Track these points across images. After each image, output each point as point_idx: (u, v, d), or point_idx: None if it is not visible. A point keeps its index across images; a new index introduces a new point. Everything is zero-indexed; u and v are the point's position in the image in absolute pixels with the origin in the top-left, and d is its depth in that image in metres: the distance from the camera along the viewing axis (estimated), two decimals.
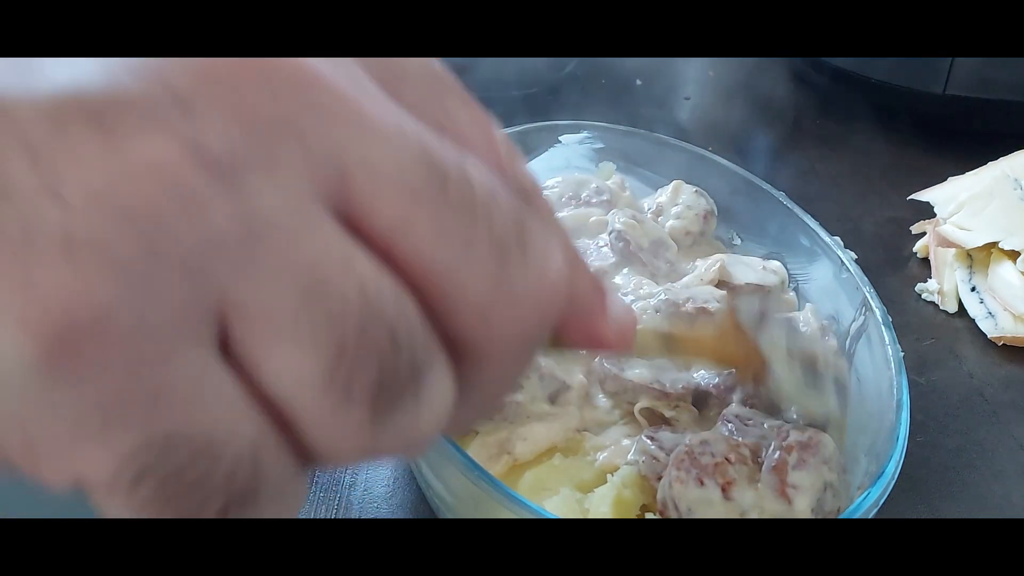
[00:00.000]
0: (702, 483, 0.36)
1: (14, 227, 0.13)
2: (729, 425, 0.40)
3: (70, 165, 0.13)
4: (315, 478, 0.43)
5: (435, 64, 0.19)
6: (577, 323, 0.20)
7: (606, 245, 0.51)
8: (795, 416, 0.38)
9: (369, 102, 0.16)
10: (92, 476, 0.15)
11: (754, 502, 0.36)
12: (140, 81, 0.14)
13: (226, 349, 0.15)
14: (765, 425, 0.40)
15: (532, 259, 0.17)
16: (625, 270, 0.50)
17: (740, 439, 0.39)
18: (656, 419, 0.41)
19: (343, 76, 0.16)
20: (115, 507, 0.16)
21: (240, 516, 0.16)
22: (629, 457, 0.38)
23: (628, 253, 0.49)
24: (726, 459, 0.36)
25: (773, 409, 0.34)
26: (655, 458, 0.37)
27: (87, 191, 0.13)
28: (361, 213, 0.16)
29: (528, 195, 0.19)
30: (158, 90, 0.14)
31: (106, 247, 0.13)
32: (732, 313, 0.30)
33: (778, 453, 0.37)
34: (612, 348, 0.22)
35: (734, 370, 0.31)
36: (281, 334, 0.15)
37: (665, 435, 0.38)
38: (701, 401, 0.42)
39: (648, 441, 0.38)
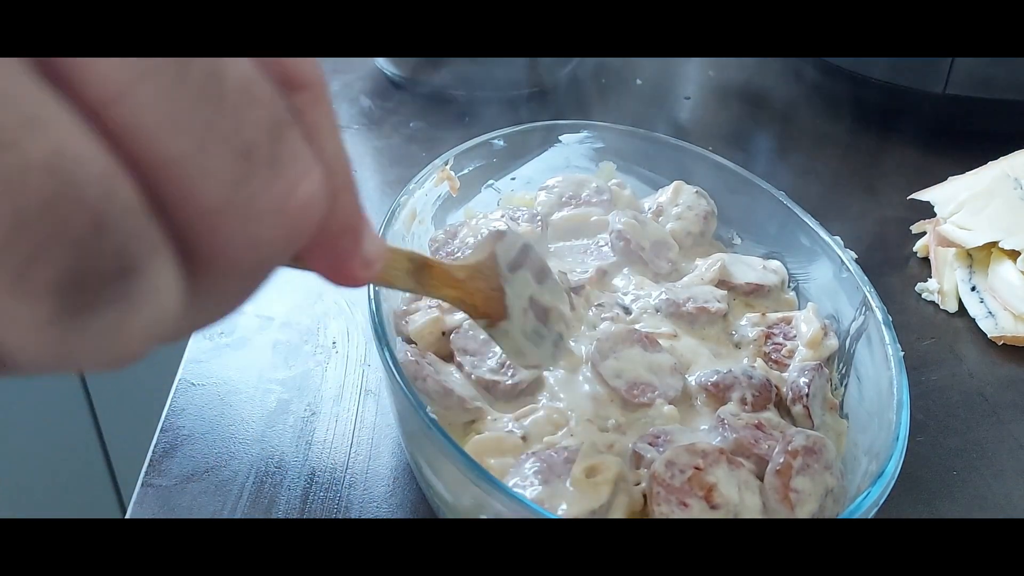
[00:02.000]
0: (685, 505, 0.36)
1: None
2: (724, 423, 0.40)
3: None
4: (314, 478, 0.43)
5: None
6: (324, 253, 0.19)
7: (606, 244, 0.51)
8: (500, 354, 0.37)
9: None
10: None
11: (742, 496, 0.36)
12: None
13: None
14: (759, 421, 0.40)
15: (281, 173, 0.15)
16: (625, 270, 0.50)
17: (717, 441, 0.39)
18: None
19: None
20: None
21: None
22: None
23: (629, 252, 0.49)
24: (695, 468, 0.36)
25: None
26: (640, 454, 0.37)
27: None
28: (71, 70, 0.13)
29: (306, 97, 0.17)
30: None
31: None
32: (491, 256, 0.29)
33: (783, 457, 0.37)
34: (356, 285, 0.20)
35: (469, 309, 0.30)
36: None
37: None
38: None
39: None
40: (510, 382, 0.41)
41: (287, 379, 0.48)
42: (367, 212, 0.20)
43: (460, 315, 0.42)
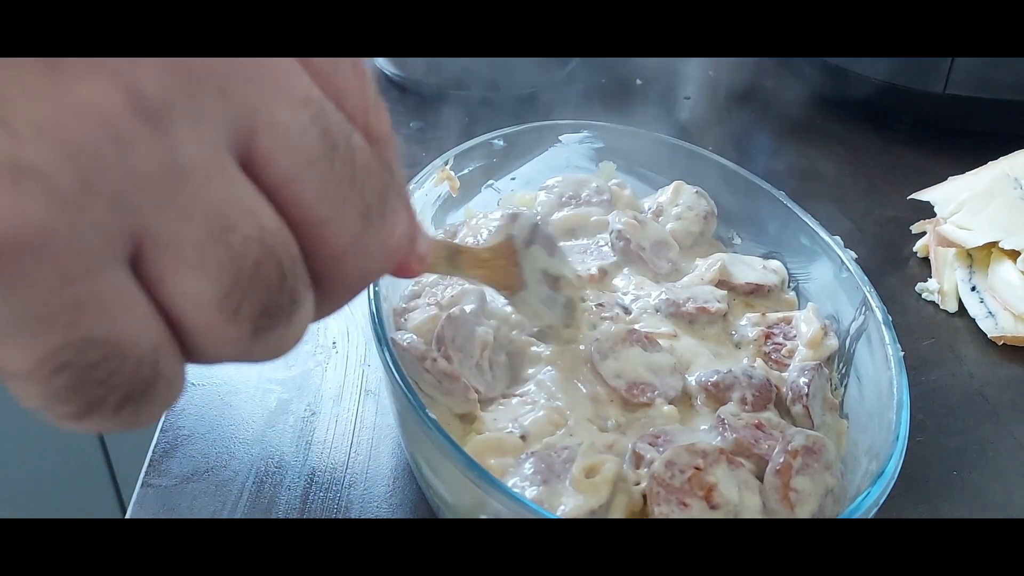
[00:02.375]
0: (685, 505, 0.36)
1: None
2: (724, 423, 0.40)
3: (21, 98, 0.15)
4: (314, 478, 0.43)
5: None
6: (400, 265, 0.25)
7: (606, 244, 0.51)
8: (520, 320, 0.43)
9: (285, 71, 0.19)
10: (11, 366, 0.17)
11: (742, 496, 0.36)
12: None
13: (137, 269, 0.17)
14: (759, 421, 0.40)
15: (387, 225, 0.21)
16: (625, 270, 0.50)
17: (717, 441, 0.39)
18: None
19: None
20: (28, 395, 0.18)
21: (136, 407, 0.18)
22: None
23: (629, 252, 0.49)
24: (695, 468, 0.36)
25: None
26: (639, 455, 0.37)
27: (34, 123, 0.15)
28: (262, 165, 0.19)
29: (384, 148, 0.22)
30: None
31: (47, 175, 0.15)
32: (508, 236, 0.34)
33: (783, 457, 0.37)
34: (413, 276, 0.26)
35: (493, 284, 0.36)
36: (188, 263, 0.18)
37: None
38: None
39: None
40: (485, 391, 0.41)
41: (287, 379, 0.48)
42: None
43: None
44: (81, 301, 0.16)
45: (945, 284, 0.60)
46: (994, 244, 0.58)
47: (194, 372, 0.48)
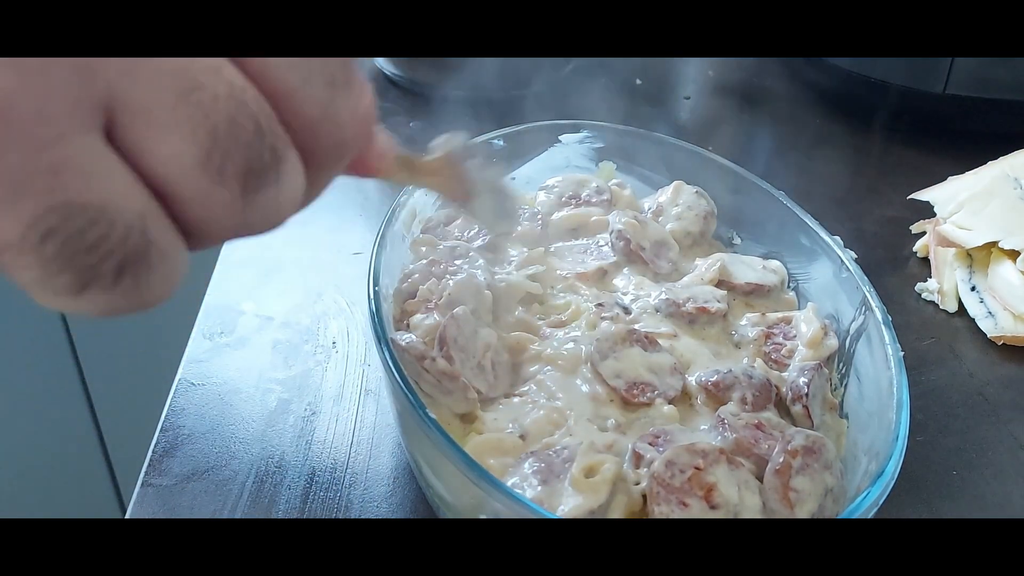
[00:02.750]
0: (685, 505, 0.36)
1: None
2: (724, 423, 0.40)
3: None
4: (315, 478, 0.43)
5: None
6: (358, 159, 0.25)
7: (606, 244, 0.51)
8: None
9: None
10: (2, 238, 0.17)
11: (742, 496, 0.36)
12: None
13: (113, 140, 0.18)
14: (759, 421, 0.40)
15: (353, 93, 0.22)
16: (626, 269, 0.50)
17: (717, 440, 0.39)
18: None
19: None
20: (23, 267, 0.18)
21: (134, 277, 0.19)
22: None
23: (629, 252, 0.49)
24: (695, 468, 0.36)
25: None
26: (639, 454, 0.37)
27: None
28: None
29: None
30: None
31: None
32: (451, 150, 0.36)
33: (783, 457, 0.37)
34: (368, 172, 0.27)
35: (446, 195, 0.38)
36: (163, 126, 0.18)
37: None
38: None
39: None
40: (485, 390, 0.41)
41: (287, 379, 0.48)
42: (366, 208, 0.24)
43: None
44: (56, 165, 0.17)
45: (945, 284, 0.60)
46: (994, 244, 0.58)
47: (194, 372, 0.48)
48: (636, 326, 0.45)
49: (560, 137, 0.55)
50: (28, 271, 0.18)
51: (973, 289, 0.59)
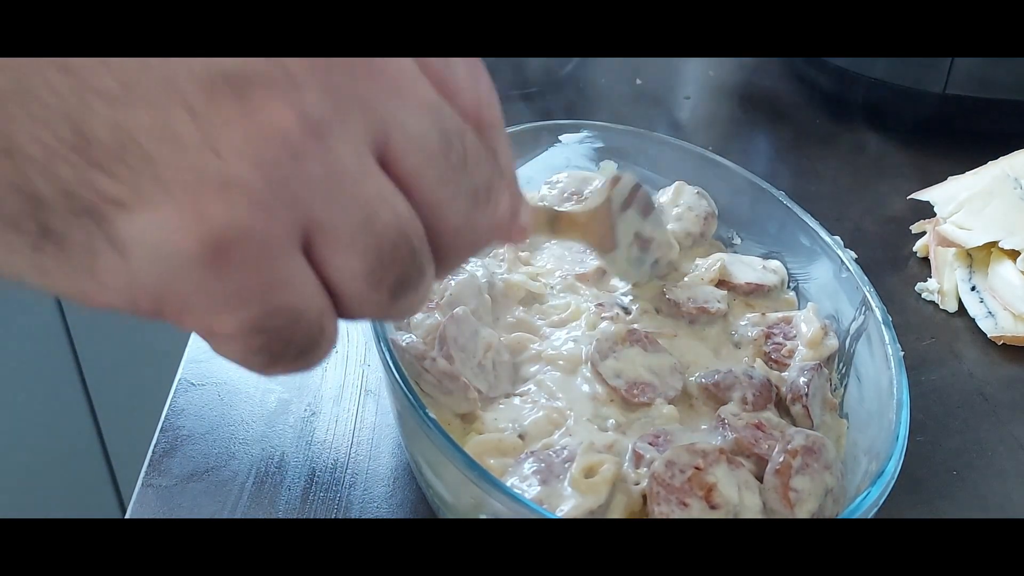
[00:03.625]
0: (685, 505, 0.36)
1: (190, 173, 0.19)
2: (724, 423, 0.40)
3: (221, 126, 0.19)
4: (314, 478, 0.43)
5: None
6: (503, 234, 0.28)
7: None
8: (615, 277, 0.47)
9: (410, 80, 0.23)
10: (220, 330, 0.22)
11: (742, 496, 0.36)
12: (263, 62, 0.20)
13: (306, 253, 0.22)
14: (759, 421, 0.40)
15: (492, 204, 0.26)
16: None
17: (717, 440, 0.39)
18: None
19: (403, 65, 0.23)
20: (228, 349, 0.22)
21: (307, 357, 0.23)
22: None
23: None
24: (695, 468, 0.36)
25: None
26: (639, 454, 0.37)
27: (234, 146, 0.19)
28: (394, 162, 0.23)
29: (493, 134, 0.27)
30: (277, 69, 0.20)
31: (247, 186, 0.20)
32: (607, 199, 0.36)
33: (782, 457, 0.37)
34: (513, 242, 0.30)
35: (589, 242, 0.38)
36: (345, 246, 0.22)
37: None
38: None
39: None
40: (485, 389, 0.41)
41: (287, 379, 0.48)
42: None
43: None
44: (272, 280, 0.21)
45: (945, 284, 0.60)
46: (994, 244, 0.58)
47: (194, 372, 0.48)
48: (636, 326, 0.45)
49: (560, 137, 0.55)
50: (231, 351, 0.22)
51: (973, 289, 0.59)
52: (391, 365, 0.36)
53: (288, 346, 0.22)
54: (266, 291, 0.21)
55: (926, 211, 0.64)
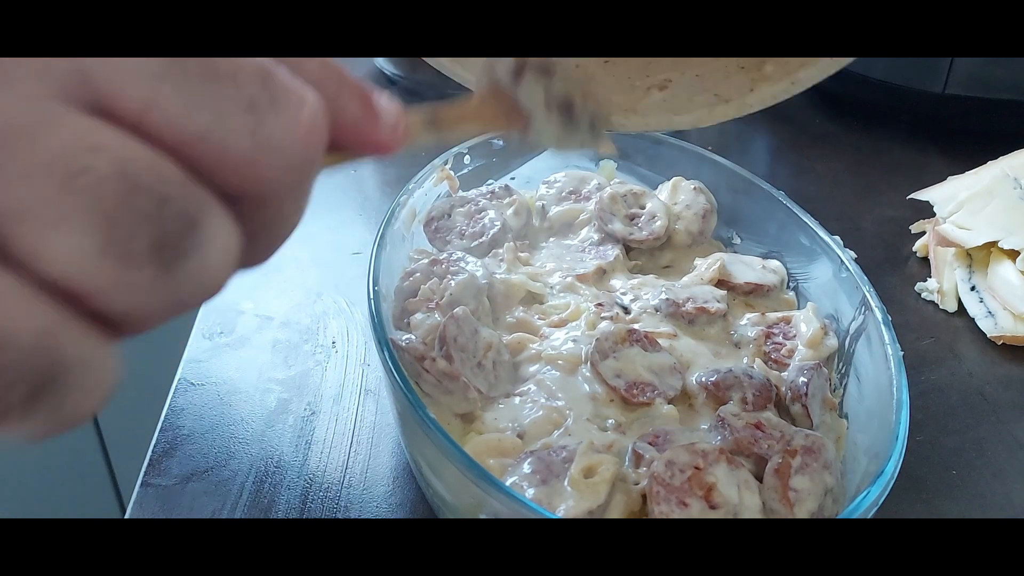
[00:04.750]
0: (685, 504, 0.36)
1: None
2: (724, 423, 0.40)
3: None
4: (314, 478, 0.43)
5: None
6: (351, 135, 0.22)
7: (598, 233, 0.51)
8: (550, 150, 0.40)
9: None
10: None
11: (742, 496, 0.36)
12: None
13: (5, 257, 0.16)
14: (759, 421, 0.40)
15: (284, 107, 0.19)
16: (621, 274, 0.50)
17: (717, 440, 0.39)
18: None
19: None
20: None
21: (52, 399, 0.17)
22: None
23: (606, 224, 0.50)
24: (695, 468, 0.36)
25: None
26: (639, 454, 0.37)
27: None
28: (110, 102, 0.17)
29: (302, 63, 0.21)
30: None
31: None
32: (490, 80, 0.31)
33: (782, 457, 0.37)
34: (388, 148, 0.24)
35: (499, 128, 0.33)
36: (47, 224, 0.16)
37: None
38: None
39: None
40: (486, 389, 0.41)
41: (287, 379, 0.48)
42: (365, 208, 0.22)
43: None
44: None
45: (944, 284, 0.60)
46: (993, 244, 0.58)
47: (194, 372, 0.48)
48: (636, 326, 0.45)
49: None
50: None
51: (973, 289, 0.59)
52: (391, 365, 0.36)
53: (2, 391, 0.16)
54: None
55: (926, 211, 0.64)
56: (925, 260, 0.64)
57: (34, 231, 0.16)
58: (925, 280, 0.62)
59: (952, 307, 0.60)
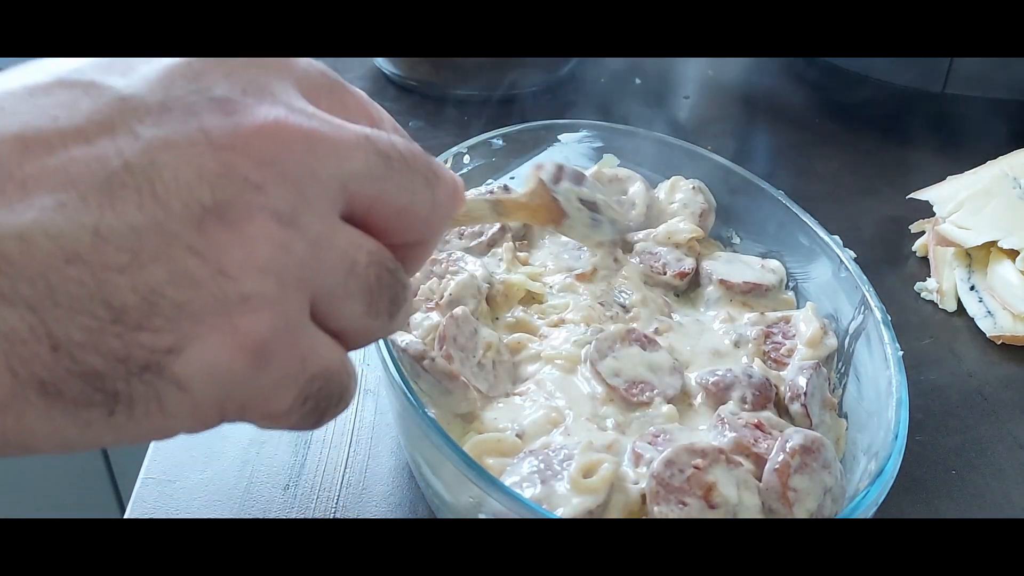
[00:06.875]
0: (684, 504, 0.36)
1: (214, 302, 0.22)
2: (724, 423, 0.40)
3: (221, 253, 0.22)
4: (314, 478, 0.43)
5: (318, 64, 0.27)
6: (459, 200, 0.30)
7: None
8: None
9: (322, 127, 0.24)
10: (276, 412, 0.24)
11: (741, 496, 0.36)
12: (229, 185, 0.22)
13: (315, 317, 0.24)
14: (759, 420, 0.40)
15: (443, 177, 0.28)
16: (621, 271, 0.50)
17: (717, 440, 0.39)
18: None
19: (302, 117, 0.24)
20: (288, 422, 0.25)
21: (345, 400, 0.26)
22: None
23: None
24: (695, 467, 0.36)
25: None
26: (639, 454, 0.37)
27: (238, 264, 0.22)
28: (356, 198, 0.25)
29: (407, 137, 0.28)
30: (239, 184, 0.22)
31: (261, 293, 0.22)
32: (539, 181, 0.40)
33: (781, 456, 0.37)
34: (462, 225, 0.31)
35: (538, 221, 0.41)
36: (340, 297, 0.25)
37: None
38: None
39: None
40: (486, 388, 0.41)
41: None
42: None
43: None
44: (303, 354, 0.24)
45: (944, 283, 0.60)
46: (993, 243, 0.58)
47: None
48: (635, 325, 0.45)
49: (559, 136, 0.55)
50: (287, 424, 0.25)
51: (972, 288, 0.59)
52: (390, 365, 0.36)
53: (330, 400, 0.25)
54: (302, 366, 0.24)
55: (925, 211, 0.64)
56: (924, 260, 0.64)
57: (334, 303, 0.25)
58: (924, 280, 0.62)
59: (951, 307, 0.60)
